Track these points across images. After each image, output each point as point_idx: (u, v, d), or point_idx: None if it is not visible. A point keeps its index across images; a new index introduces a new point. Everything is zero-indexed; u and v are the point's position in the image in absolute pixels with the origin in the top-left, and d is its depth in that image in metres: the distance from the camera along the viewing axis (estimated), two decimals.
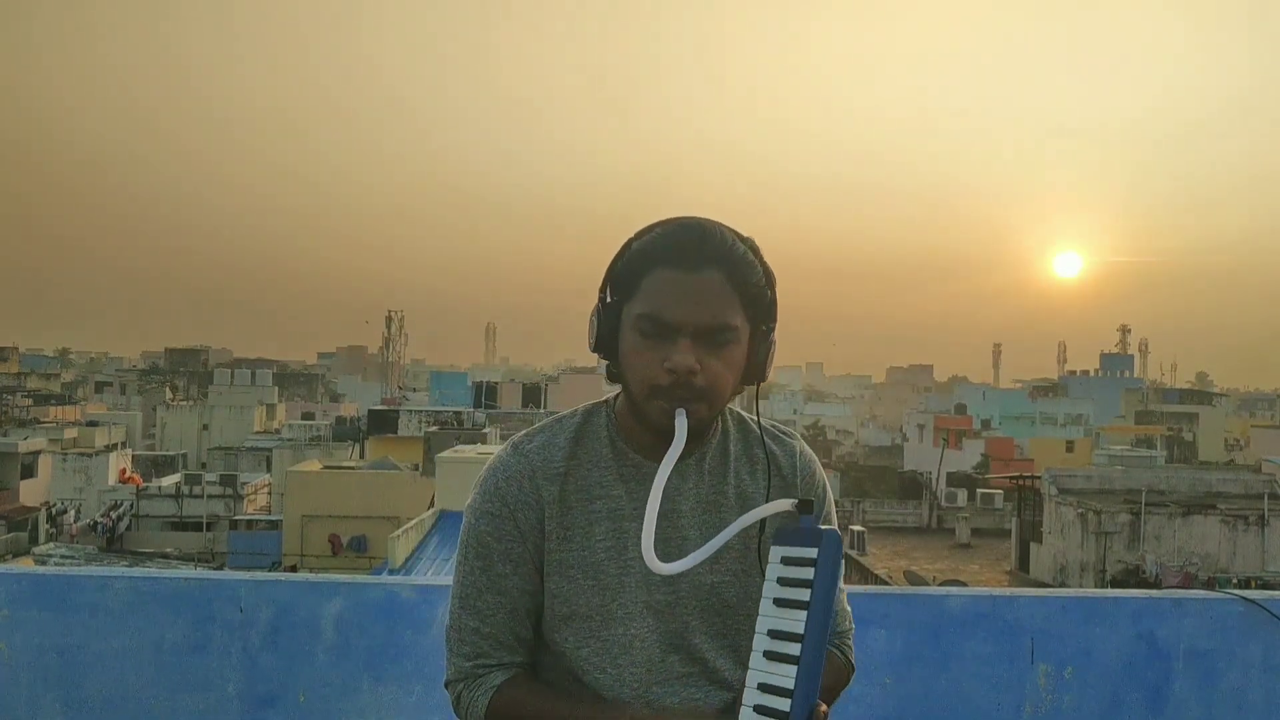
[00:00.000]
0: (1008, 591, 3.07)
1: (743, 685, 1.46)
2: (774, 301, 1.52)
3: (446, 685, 1.58)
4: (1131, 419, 71.89)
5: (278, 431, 57.03)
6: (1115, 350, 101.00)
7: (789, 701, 1.34)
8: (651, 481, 1.46)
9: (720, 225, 1.48)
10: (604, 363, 1.59)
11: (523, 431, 1.61)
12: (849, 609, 1.73)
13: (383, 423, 41.53)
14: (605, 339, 1.52)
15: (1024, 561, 32.55)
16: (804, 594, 1.38)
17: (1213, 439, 68.34)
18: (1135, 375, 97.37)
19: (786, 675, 1.36)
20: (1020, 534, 33.67)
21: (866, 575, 24.75)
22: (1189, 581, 25.68)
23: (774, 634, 1.40)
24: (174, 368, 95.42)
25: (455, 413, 42.94)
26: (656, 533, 1.44)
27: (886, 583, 21.02)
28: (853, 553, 28.02)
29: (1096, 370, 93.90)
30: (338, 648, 2.82)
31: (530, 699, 1.51)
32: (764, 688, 1.38)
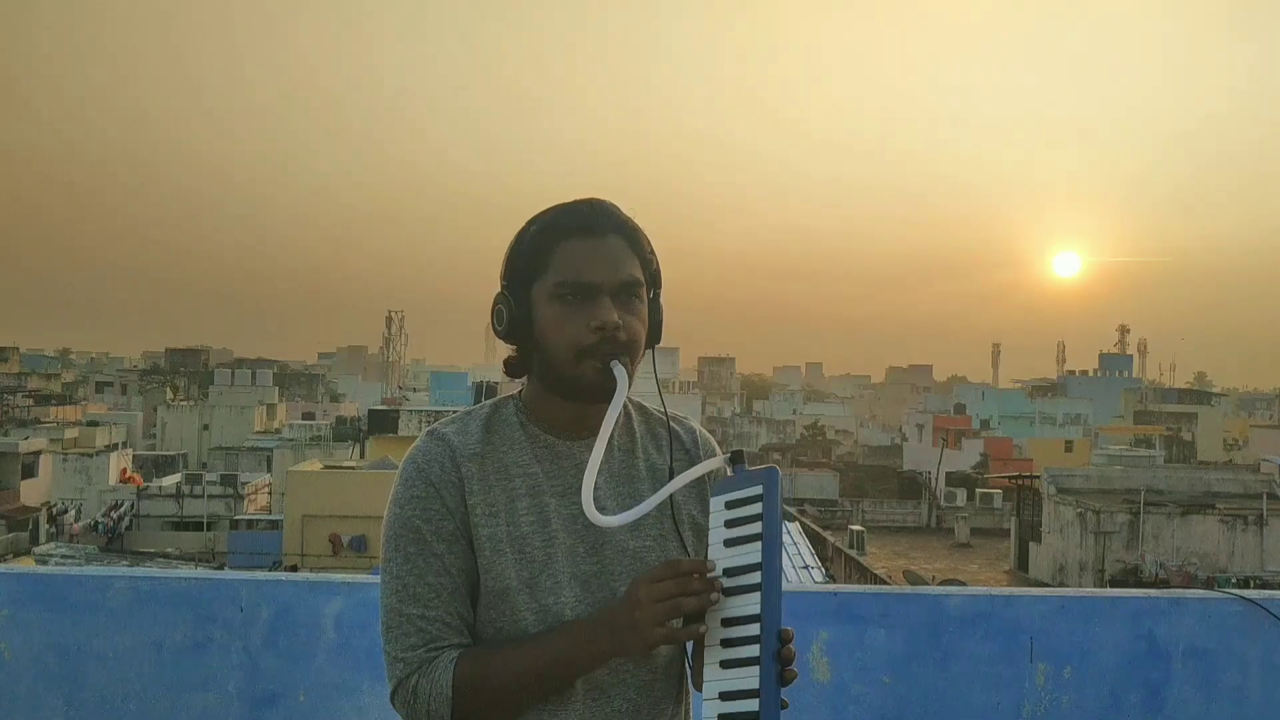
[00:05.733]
0: (1006, 591, 3.08)
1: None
2: (659, 269, 1.63)
3: (394, 694, 1.50)
4: (1130, 419, 71.83)
5: (278, 431, 57.05)
6: (1114, 350, 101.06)
7: (758, 627, 1.37)
8: (566, 460, 1.56)
9: (608, 201, 1.60)
10: (506, 359, 1.62)
11: (436, 423, 1.64)
12: None
13: (383, 423, 41.45)
14: (518, 324, 1.55)
15: (1023, 561, 32.58)
16: (755, 527, 1.42)
17: (1211, 439, 68.30)
18: (1134, 375, 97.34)
19: (752, 603, 1.39)
20: (1019, 534, 33.71)
21: (866, 575, 24.71)
22: (1188, 581, 25.71)
23: (730, 571, 1.43)
24: (174, 368, 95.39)
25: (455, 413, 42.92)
26: (572, 508, 1.52)
27: (886, 582, 21.00)
28: (852, 552, 28.02)
29: (1095, 370, 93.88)
30: (338, 647, 2.83)
31: (493, 657, 1.49)
32: (727, 621, 1.41)
